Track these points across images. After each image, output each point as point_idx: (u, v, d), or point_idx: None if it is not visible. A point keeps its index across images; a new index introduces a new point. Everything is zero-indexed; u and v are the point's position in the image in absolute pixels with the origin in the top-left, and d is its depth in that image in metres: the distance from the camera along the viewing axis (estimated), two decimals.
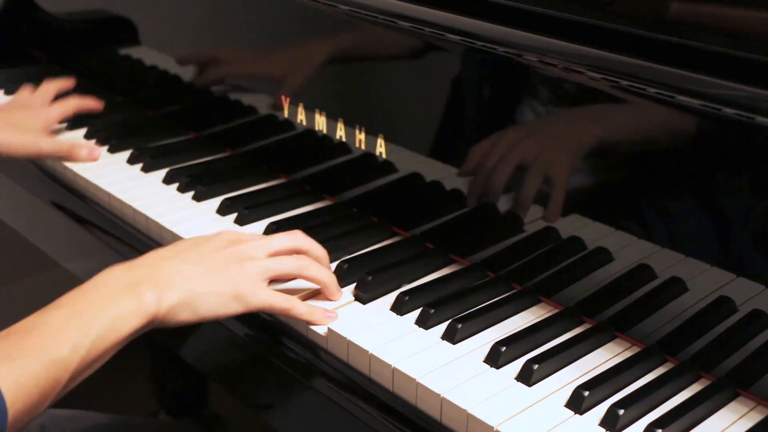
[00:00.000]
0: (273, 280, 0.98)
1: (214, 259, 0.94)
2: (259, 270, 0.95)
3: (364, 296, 1.01)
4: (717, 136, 0.87)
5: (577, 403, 0.84)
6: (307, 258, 0.99)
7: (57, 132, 1.43)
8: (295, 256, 0.99)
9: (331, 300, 1.00)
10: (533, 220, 1.04)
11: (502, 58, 1.00)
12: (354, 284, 1.03)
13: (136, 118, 1.52)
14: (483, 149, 1.04)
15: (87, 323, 0.84)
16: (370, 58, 1.17)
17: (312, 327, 0.97)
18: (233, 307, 0.93)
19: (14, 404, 0.78)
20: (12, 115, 1.35)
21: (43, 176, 1.38)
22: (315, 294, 1.02)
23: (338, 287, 1.01)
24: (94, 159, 1.34)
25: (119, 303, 0.87)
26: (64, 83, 1.48)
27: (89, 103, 1.44)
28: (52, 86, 1.46)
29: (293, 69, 1.26)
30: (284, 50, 1.28)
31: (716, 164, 0.88)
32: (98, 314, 0.85)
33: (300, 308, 0.96)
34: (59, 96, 1.46)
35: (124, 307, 0.86)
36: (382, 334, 0.94)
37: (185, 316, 0.91)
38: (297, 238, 1.01)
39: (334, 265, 1.05)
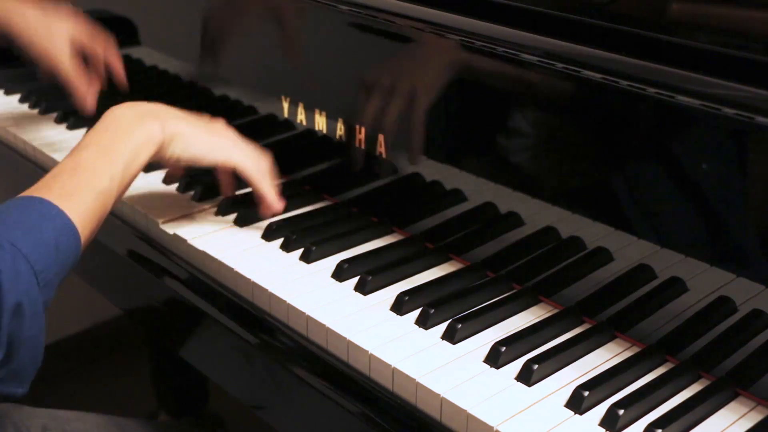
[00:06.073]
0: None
1: (211, 124, 1.11)
2: (249, 150, 1.12)
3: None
4: (717, 136, 0.87)
5: (577, 403, 0.84)
6: (269, 177, 1.14)
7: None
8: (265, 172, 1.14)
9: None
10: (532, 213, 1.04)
11: (502, 58, 1.00)
12: (354, 284, 1.03)
13: None
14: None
15: (115, 156, 0.99)
16: (371, 61, 1.17)
17: (312, 327, 0.98)
18: (218, 156, 1.09)
19: (83, 233, 0.92)
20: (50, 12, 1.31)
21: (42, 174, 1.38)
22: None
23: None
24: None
25: (134, 135, 1.01)
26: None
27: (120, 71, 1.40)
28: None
29: (292, 68, 1.26)
30: (284, 49, 1.28)
31: (716, 164, 0.88)
32: (121, 147, 1.00)
33: (269, 189, 1.12)
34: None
35: (139, 138, 1.01)
36: (382, 334, 0.94)
37: (178, 149, 1.06)
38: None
39: (334, 264, 1.06)
